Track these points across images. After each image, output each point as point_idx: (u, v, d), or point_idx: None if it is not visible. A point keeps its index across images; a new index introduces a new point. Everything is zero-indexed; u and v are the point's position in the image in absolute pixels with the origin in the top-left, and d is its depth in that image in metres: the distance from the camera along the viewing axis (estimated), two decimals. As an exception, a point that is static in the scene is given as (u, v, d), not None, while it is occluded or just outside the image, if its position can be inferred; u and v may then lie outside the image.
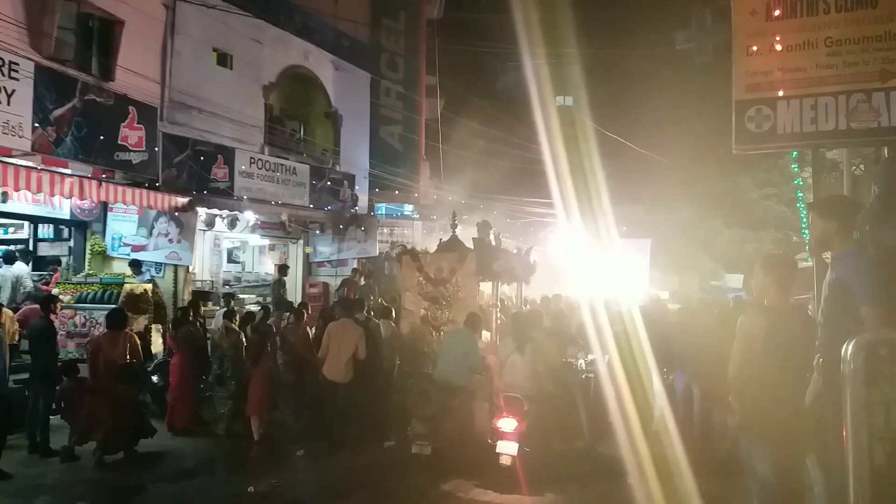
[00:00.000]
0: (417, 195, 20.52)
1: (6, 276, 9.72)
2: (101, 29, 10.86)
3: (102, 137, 9.85)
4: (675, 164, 23.66)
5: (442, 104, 22.38)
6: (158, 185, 10.84)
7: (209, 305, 11.42)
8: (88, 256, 11.59)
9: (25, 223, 11.58)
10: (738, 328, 3.80)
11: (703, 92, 19.30)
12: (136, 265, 10.99)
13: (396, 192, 19.75)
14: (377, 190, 18.88)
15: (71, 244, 11.67)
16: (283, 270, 13.21)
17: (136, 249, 11.45)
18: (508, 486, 6.26)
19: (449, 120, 22.44)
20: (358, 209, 16.12)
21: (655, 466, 6.02)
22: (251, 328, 9.25)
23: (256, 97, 14.21)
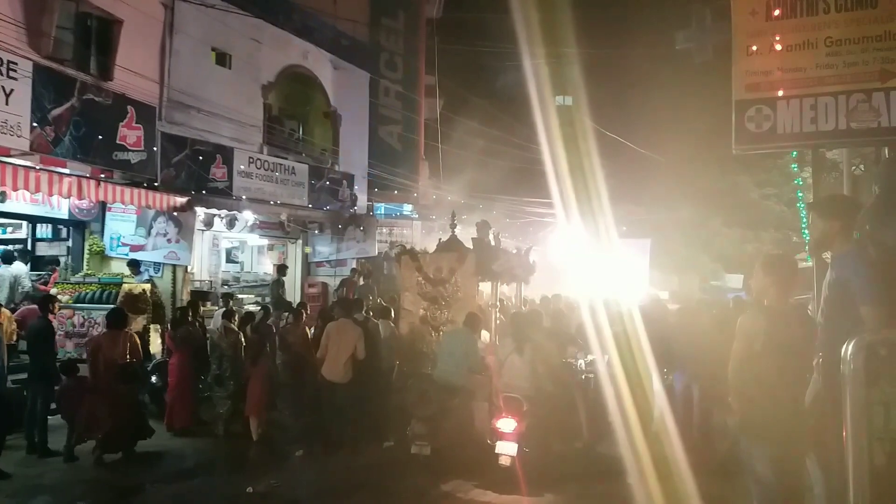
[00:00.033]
0: (416, 195, 20.53)
1: (4, 275, 9.71)
2: (99, 28, 10.85)
3: (101, 137, 9.84)
4: (674, 163, 23.67)
5: (441, 104, 22.39)
6: (157, 184, 10.82)
7: (208, 305, 11.41)
8: (87, 256, 11.57)
9: (24, 223, 11.56)
10: (737, 328, 3.79)
11: (702, 92, 19.27)
12: (134, 265, 10.98)
13: (395, 191, 19.76)
14: (376, 190, 18.88)
15: (69, 244, 11.67)
16: (281, 270, 13.21)
17: (134, 249, 11.42)
18: (508, 486, 6.26)
19: (448, 119, 22.47)
20: (357, 209, 16.10)
21: (655, 467, 6.00)
22: (251, 328, 9.25)
23: (255, 97, 14.20)
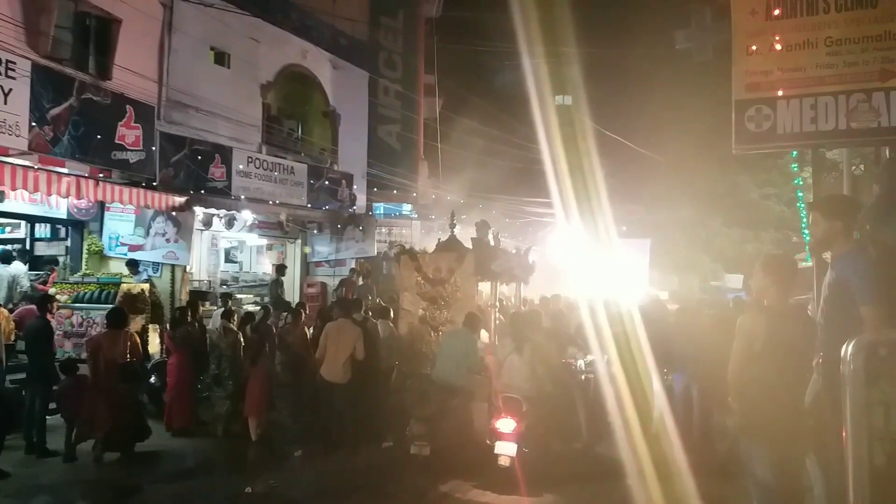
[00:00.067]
0: (416, 195, 20.51)
1: (3, 275, 9.70)
2: (98, 27, 10.84)
3: (99, 136, 9.82)
4: (674, 163, 23.66)
5: (440, 103, 22.38)
6: (155, 184, 10.80)
7: (206, 305, 11.41)
8: (85, 256, 11.56)
9: (22, 223, 11.55)
10: (737, 328, 3.78)
11: (702, 92, 19.26)
12: (133, 265, 10.96)
13: (395, 191, 19.74)
14: (375, 189, 18.86)
15: (68, 244, 11.65)
16: (280, 270, 13.20)
17: (133, 249, 11.40)
18: (507, 486, 6.24)
19: (447, 119, 22.45)
20: (356, 209, 16.08)
21: (655, 467, 6.01)
22: (251, 328, 9.23)
23: (254, 96, 14.19)
